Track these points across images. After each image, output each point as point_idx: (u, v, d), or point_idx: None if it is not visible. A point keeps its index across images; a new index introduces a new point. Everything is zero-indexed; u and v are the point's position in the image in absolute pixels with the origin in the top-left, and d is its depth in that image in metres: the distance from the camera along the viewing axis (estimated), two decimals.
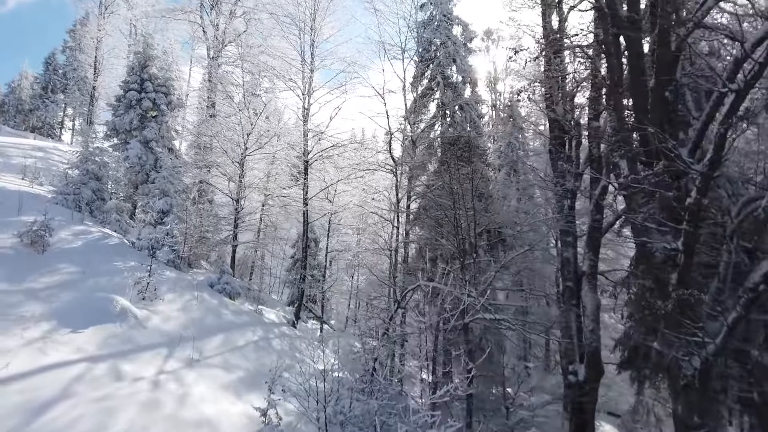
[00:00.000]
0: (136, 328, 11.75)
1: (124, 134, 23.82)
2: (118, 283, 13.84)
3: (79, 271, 13.55)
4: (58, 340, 9.92)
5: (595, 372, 15.50)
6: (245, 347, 14.00)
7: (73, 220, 17.13)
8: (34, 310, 10.74)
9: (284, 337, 16.86)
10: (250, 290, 20.08)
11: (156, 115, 24.36)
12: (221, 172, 24.07)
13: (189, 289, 16.18)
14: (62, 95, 58.79)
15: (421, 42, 24.58)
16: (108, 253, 15.81)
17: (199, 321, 14.15)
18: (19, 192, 18.65)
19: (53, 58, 59.59)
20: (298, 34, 21.76)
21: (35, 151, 31.44)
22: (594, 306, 15.78)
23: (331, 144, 21.36)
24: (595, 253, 16.13)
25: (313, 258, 26.99)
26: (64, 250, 14.42)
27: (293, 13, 21.95)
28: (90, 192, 19.60)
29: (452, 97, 23.10)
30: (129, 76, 24.72)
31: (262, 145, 21.64)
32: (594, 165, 16.43)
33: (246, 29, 25.74)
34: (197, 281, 17.61)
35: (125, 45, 37.14)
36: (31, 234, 13.40)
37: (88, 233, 16.67)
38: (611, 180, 15.56)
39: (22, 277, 12.01)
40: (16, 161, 27.70)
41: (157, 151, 23.57)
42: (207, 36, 27.59)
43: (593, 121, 16.57)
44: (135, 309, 12.37)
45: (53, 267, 13.19)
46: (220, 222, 23.24)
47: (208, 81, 27.11)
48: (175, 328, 12.84)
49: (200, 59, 37.74)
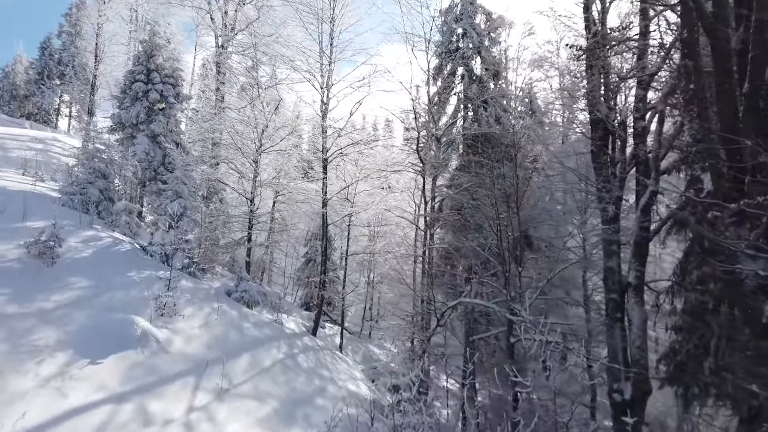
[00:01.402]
0: (158, 354, 10.68)
1: (130, 128, 22.54)
2: (135, 297, 12.77)
3: (93, 285, 12.44)
4: (77, 376, 8.84)
5: (642, 391, 14.54)
6: (272, 368, 12.96)
7: (81, 224, 15.96)
8: (48, 337, 9.66)
9: (308, 351, 15.84)
10: (267, 295, 18.98)
11: (164, 107, 23.08)
12: (232, 168, 22.89)
13: (207, 300, 15.11)
14: (58, 81, 57.12)
15: (444, 32, 23.33)
16: (121, 262, 14.70)
17: (221, 338, 13.09)
18: (23, 193, 17.49)
19: (49, 43, 57.81)
20: (316, 24, 20.46)
21: (34, 143, 30.14)
22: (641, 320, 14.79)
23: (351, 141, 20.10)
24: (641, 262, 15.09)
25: (327, 258, 25.90)
26: (74, 260, 13.28)
27: (310, 1, 20.61)
28: (97, 192, 18.42)
29: (477, 92, 21.89)
30: (135, 66, 23.36)
31: (278, 141, 20.39)
32: (640, 168, 15.37)
33: (258, 17, 24.33)
34: (214, 289, 16.54)
35: (126, 32, 35.65)
36: (39, 245, 12.26)
37: (98, 239, 15.53)
38: (681, 191, 14.59)
39: (31, 296, 10.91)
40: (15, 154, 26.45)
41: (166, 146, 22.35)
42: (215, 23, 26.20)
43: (639, 121, 15.49)
44: (156, 331, 11.30)
45: (64, 282, 12.09)
46: (231, 222, 22.08)
47: (216, 71, 25.77)
48: (198, 350, 11.79)
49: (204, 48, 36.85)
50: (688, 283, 15.42)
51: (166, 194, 17.10)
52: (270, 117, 20.51)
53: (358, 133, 20.65)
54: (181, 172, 17.47)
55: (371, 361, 21.17)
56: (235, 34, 25.05)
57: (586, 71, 16.22)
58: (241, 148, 20.42)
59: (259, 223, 21.84)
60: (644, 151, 15.36)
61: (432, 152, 20.33)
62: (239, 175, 21.96)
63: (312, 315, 22.47)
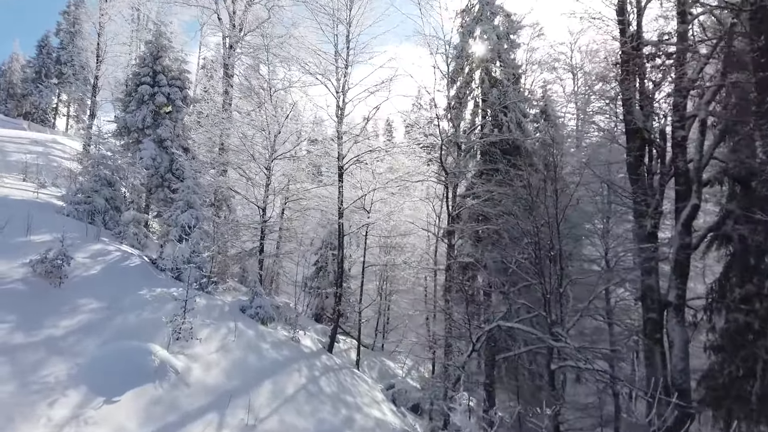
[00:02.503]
0: (178, 387, 9.82)
1: (136, 132, 21.60)
2: (148, 320, 11.91)
3: (103, 306, 11.57)
4: (93, 418, 7.98)
5: (684, 416, 13.73)
6: (296, 396, 12.08)
7: (87, 236, 15.06)
8: (59, 371, 8.79)
9: (329, 373, 14.98)
10: (281, 310, 18.10)
11: (170, 111, 22.17)
12: (240, 174, 21.96)
13: (222, 318, 14.24)
14: (56, 80, 56.01)
15: (463, 34, 22.49)
16: (131, 279, 13.82)
17: (241, 363, 12.22)
18: (25, 202, 16.60)
19: (46, 41, 56.59)
20: (331, 25, 19.53)
21: (33, 145, 29.22)
22: (683, 342, 14.01)
23: (370, 148, 19.16)
24: (683, 281, 14.30)
25: (343, 271, 24.99)
26: (83, 279, 12.38)
27: (326, 2, 19.66)
28: (103, 201, 17.50)
29: (497, 96, 21.04)
30: (140, 67, 22.41)
31: (291, 148, 19.49)
32: (680, 180, 14.57)
33: (269, 17, 23.38)
34: (228, 306, 15.68)
35: (128, 31, 34.65)
36: (46, 264, 11.36)
37: (106, 253, 14.63)
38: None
39: (39, 322, 10.03)
40: (15, 158, 25.53)
41: (173, 151, 21.43)
42: (222, 23, 25.24)
43: (679, 130, 14.68)
44: (174, 360, 10.44)
45: (73, 304, 11.21)
46: (240, 230, 21.16)
47: (224, 73, 24.79)
48: (219, 380, 10.92)
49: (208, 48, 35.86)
50: (730, 302, 14.67)
51: (177, 204, 16.18)
52: (283, 122, 19.59)
53: (373, 142, 19.66)
54: (193, 182, 16.54)
55: (388, 377, 20.32)
56: (244, 35, 24.09)
57: (622, 78, 15.37)
58: (253, 155, 19.46)
59: (272, 233, 20.93)
60: (684, 162, 14.57)
61: (452, 159, 19.44)
62: (248, 181, 21.02)
63: (325, 327, 21.58)
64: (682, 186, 14.50)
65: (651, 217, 14.70)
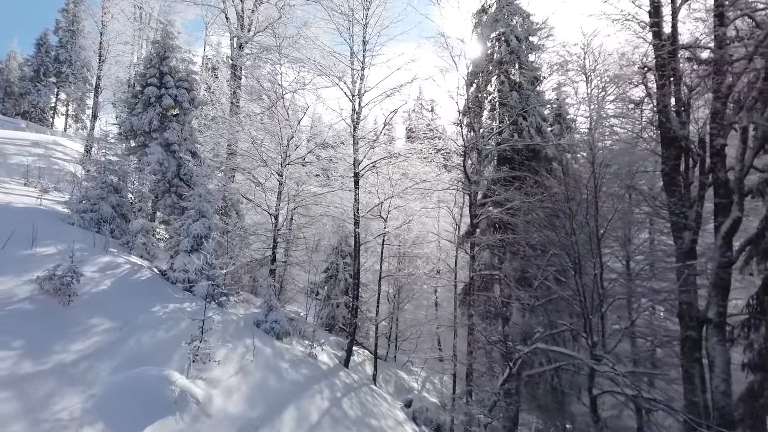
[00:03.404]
0: (200, 419, 9.06)
1: (142, 136, 20.82)
2: (163, 341, 11.19)
3: (116, 327, 10.81)
4: None
5: None
6: (321, 423, 11.36)
7: (95, 247, 14.29)
8: (72, 405, 8.03)
9: (350, 393, 14.26)
10: (294, 321, 17.33)
11: (177, 113, 21.38)
12: (252, 180, 21.19)
13: (238, 335, 13.51)
14: (54, 79, 55.18)
15: (480, 35, 21.77)
16: (142, 294, 13.07)
17: (261, 387, 11.49)
18: (28, 210, 15.82)
19: (45, 39, 55.81)
20: (347, 26, 18.75)
21: (34, 147, 28.38)
22: (724, 361, 13.26)
23: (386, 153, 18.35)
24: (723, 296, 13.56)
25: (348, 275, 24.23)
26: (92, 296, 11.61)
27: (341, 1, 18.89)
28: (110, 208, 16.73)
29: (517, 100, 20.30)
30: (146, 68, 21.59)
31: (306, 153, 18.72)
32: (720, 191, 13.86)
33: (280, 17, 22.58)
34: (242, 320, 14.94)
35: (130, 30, 33.77)
36: (54, 281, 10.58)
37: (116, 266, 13.85)
38: None
39: (48, 347, 9.26)
40: (15, 161, 24.74)
41: (180, 156, 20.65)
42: (230, 22, 24.43)
43: (717, 138, 13.96)
44: (194, 388, 9.68)
45: (84, 324, 10.44)
46: (249, 238, 20.38)
47: (231, 74, 23.99)
48: (241, 408, 10.19)
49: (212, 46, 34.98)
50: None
51: (189, 213, 15.39)
52: (296, 126, 18.82)
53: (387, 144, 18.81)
54: (204, 189, 15.75)
55: (404, 392, 19.60)
56: (253, 35, 23.28)
57: (661, 84, 14.62)
58: (266, 160, 18.67)
59: (285, 242, 20.16)
60: (724, 172, 13.86)
61: (470, 165, 18.66)
62: (258, 186, 20.24)
63: (338, 339, 20.79)
64: (722, 198, 13.79)
65: (689, 230, 13.99)
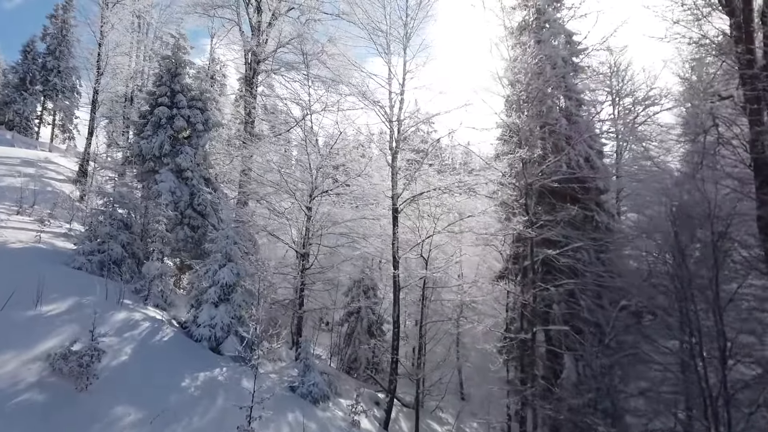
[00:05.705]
0: None
1: (152, 161, 18.66)
2: (201, 430, 9.14)
3: (144, 418, 8.73)
4: None
5: None
6: None
7: (107, 300, 12.13)
8: None
9: None
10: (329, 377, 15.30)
11: (190, 136, 19.30)
12: (269, 209, 19.19)
13: (277, 407, 11.42)
14: (41, 87, 52.66)
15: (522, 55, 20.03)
16: (168, 361, 11.07)
17: None
18: (27, 251, 13.69)
19: (32, 46, 53.21)
20: (384, 44, 16.94)
21: (24, 167, 26.02)
22: None
23: (430, 186, 16.42)
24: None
25: (371, 311, 22.24)
26: (113, 372, 9.52)
27: (374, 15, 17.09)
28: (120, 248, 14.63)
29: (567, 128, 18.61)
30: (157, 86, 19.50)
31: (338, 184, 16.79)
32: None
33: (302, 33, 20.62)
34: (277, 385, 12.92)
35: (128, 41, 31.60)
36: (71, 362, 8.51)
37: (133, 324, 11.77)
38: None
39: None
40: (6, 182, 22.42)
41: (194, 183, 18.61)
42: (245, 37, 22.40)
43: None
44: None
45: (107, 418, 8.38)
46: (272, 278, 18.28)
47: (246, 94, 21.87)
48: None
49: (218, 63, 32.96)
50: None
51: (215, 258, 13.35)
52: (327, 152, 16.91)
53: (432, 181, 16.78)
54: (232, 230, 13.72)
55: None
56: (274, 51, 21.27)
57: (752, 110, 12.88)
58: (294, 193, 16.68)
59: (314, 283, 18.12)
60: None
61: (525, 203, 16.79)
62: (282, 220, 18.22)
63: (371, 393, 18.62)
64: None
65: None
